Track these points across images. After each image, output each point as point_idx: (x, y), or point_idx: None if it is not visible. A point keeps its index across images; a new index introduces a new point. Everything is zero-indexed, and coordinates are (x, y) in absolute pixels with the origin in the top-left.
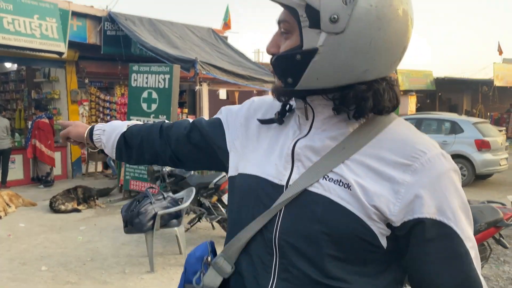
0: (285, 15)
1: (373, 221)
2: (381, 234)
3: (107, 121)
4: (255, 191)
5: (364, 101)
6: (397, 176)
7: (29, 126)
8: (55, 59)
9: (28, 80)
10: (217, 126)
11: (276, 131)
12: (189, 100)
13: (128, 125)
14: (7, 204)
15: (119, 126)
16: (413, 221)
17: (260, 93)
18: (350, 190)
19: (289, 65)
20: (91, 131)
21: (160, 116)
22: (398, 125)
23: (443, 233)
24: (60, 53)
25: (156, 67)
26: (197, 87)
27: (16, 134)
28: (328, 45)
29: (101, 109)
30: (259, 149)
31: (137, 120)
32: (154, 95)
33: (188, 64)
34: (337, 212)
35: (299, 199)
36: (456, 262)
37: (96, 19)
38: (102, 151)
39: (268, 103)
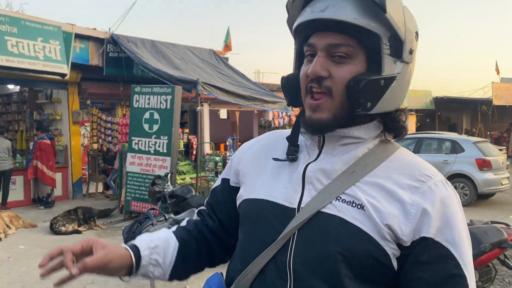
0: (344, 39)
1: (386, 241)
2: (393, 255)
3: (108, 142)
4: (265, 216)
5: (402, 121)
6: (407, 197)
7: (31, 147)
8: (57, 81)
9: (31, 101)
10: (227, 186)
11: (283, 164)
12: (190, 120)
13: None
14: (7, 226)
15: (164, 238)
16: (418, 240)
17: (261, 113)
18: (364, 210)
19: (371, 89)
20: (136, 252)
21: (161, 137)
22: (403, 152)
23: (441, 254)
24: (63, 75)
25: (158, 88)
26: (199, 108)
27: (18, 155)
28: (402, 73)
29: (102, 129)
30: (264, 174)
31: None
32: (156, 115)
33: (189, 85)
34: (351, 233)
35: (312, 221)
36: (451, 285)
37: (99, 41)
38: (104, 171)
39: (260, 140)
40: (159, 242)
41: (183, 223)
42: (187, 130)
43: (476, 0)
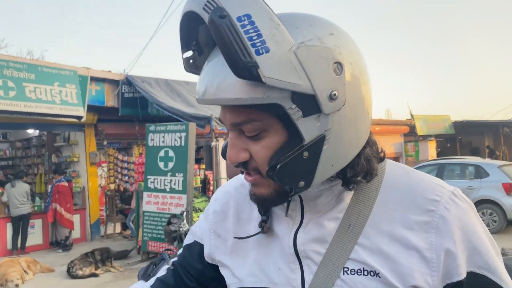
0: (246, 115)
1: None
2: None
3: (125, 181)
4: None
5: (370, 162)
6: (422, 241)
7: (49, 190)
8: (74, 123)
9: (49, 145)
10: (200, 255)
11: (263, 237)
12: (206, 156)
13: None
14: (25, 271)
15: None
16: (451, 285)
17: None
18: (379, 277)
19: (296, 168)
20: None
21: (177, 174)
22: (391, 172)
23: (481, 284)
24: (79, 117)
25: (172, 126)
26: (213, 143)
27: (37, 198)
28: (334, 126)
29: (119, 169)
30: (248, 255)
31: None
32: (171, 153)
33: (203, 121)
34: None
35: None
36: None
37: (114, 82)
38: (121, 211)
39: (228, 205)
40: None
41: (162, 273)
42: (203, 166)
43: (493, 22)
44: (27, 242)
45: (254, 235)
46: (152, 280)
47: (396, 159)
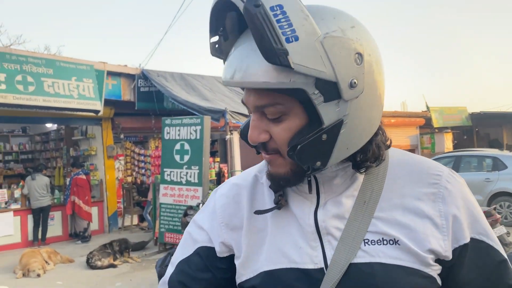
0: (269, 98)
1: (431, 267)
2: (438, 275)
3: (142, 174)
4: (291, 284)
5: (378, 149)
6: (432, 209)
7: (67, 183)
8: (92, 117)
9: (67, 138)
10: (209, 257)
11: (277, 214)
12: (220, 149)
13: None
14: (46, 262)
15: None
16: (459, 249)
17: None
18: (399, 244)
19: (315, 149)
20: None
21: (192, 167)
22: (394, 156)
23: (482, 249)
24: (97, 111)
25: (187, 119)
26: (228, 136)
27: (56, 191)
28: (351, 111)
29: (136, 162)
30: (266, 236)
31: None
32: (187, 146)
33: (218, 114)
34: (395, 274)
35: (348, 276)
36: (498, 274)
37: (130, 77)
38: (138, 204)
39: (241, 189)
40: None
41: None
42: (218, 159)
43: (508, 11)
44: (47, 233)
45: (272, 209)
46: None
47: (411, 151)
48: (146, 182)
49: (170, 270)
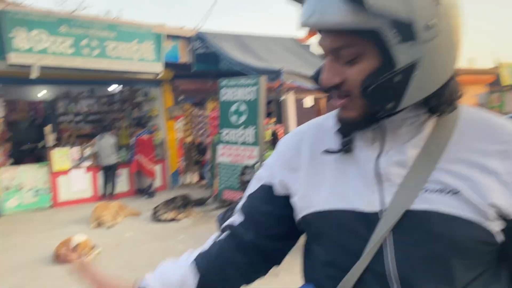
0: (345, 40)
1: (490, 221)
2: (497, 231)
3: (200, 135)
4: (346, 227)
5: (451, 95)
6: (499, 166)
7: (132, 143)
8: (152, 80)
9: (130, 100)
10: (270, 194)
11: (339, 158)
12: (276, 110)
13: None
14: (116, 215)
15: (180, 274)
16: None
17: None
18: (459, 195)
19: (387, 90)
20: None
21: (249, 127)
22: (468, 111)
23: None
24: (157, 74)
25: (243, 80)
26: (283, 97)
27: (122, 150)
28: (426, 54)
29: (195, 123)
30: (325, 179)
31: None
32: (243, 107)
33: (273, 74)
34: (451, 224)
35: (404, 222)
36: None
37: (187, 39)
38: (198, 162)
39: (303, 137)
40: (174, 285)
41: (205, 246)
42: (273, 120)
43: None
44: (116, 189)
45: (340, 150)
46: (194, 254)
47: None
48: (204, 142)
49: (241, 202)
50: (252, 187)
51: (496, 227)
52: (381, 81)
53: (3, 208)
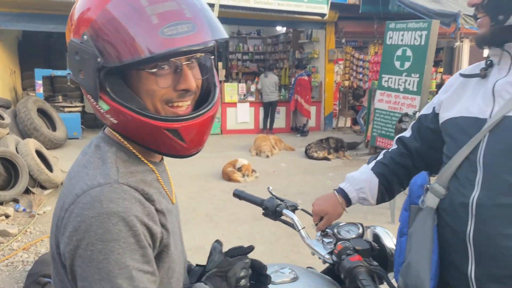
0: None
1: None
2: None
3: (359, 79)
4: (463, 127)
5: None
6: None
7: (292, 83)
8: (317, 21)
9: (294, 42)
10: (435, 114)
11: (478, 82)
12: (446, 58)
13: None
14: (273, 147)
15: (366, 179)
16: None
17: None
18: None
19: (502, 2)
20: (345, 196)
21: (412, 75)
22: None
23: None
24: (323, 15)
25: (413, 23)
26: (457, 44)
27: (282, 89)
28: None
29: (354, 67)
30: (462, 97)
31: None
32: (409, 52)
33: (449, 18)
34: None
35: (500, 125)
36: None
37: None
38: (352, 107)
39: (466, 69)
40: (363, 184)
41: (380, 157)
42: (441, 70)
43: None
44: (274, 125)
45: (474, 75)
46: (372, 163)
47: None
48: (362, 87)
49: (414, 122)
50: (426, 109)
51: None
52: None
53: None
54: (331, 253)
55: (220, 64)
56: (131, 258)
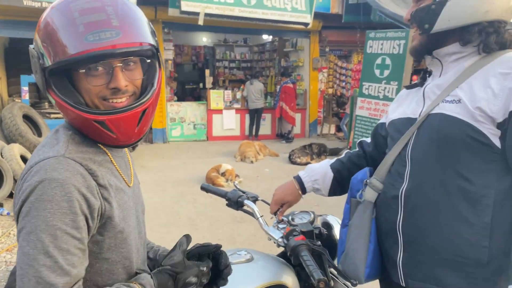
0: None
1: (480, 123)
2: (492, 134)
3: (342, 87)
4: (398, 127)
5: (487, 35)
6: (497, 84)
7: (277, 90)
8: (301, 30)
9: (279, 50)
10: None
11: (416, 90)
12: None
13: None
14: (258, 153)
15: (322, 172)
16: (508, 115)
17: None
18: (460, 103)
19: (425, 14)
20: (301, 185)
21: (391, 83)
22: (508, 53)
23: None
24: (306, 24)
25: (392, 33)
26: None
27: (268, 97)
28: None
29: (337, 75)
30: (403, 104)
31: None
32: (388, 61)
33: None
34: (449, 122)
35: (425, 122)
36: None
37: None
38: (336, 115)
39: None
40: (318, 176)
41: (341, 155)
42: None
43: None
44: (259, 131)
45: (414, 86)
46: (333, 160)
47: None
48: (345, 94)
49: (374, 128)
50: (383, 119)
51: (488, 130)
52: (421, 7)
53: (170, 135)
54: (283, 237)
55: (207, 71)
56: (60, 220)
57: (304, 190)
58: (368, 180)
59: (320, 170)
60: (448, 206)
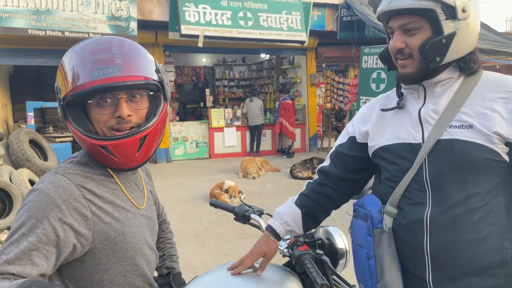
0: (412, 18)
1: (495, 144)
2: (503, 152)
3: (340, 101)
4: (399, 152)
5: (475, 61)
6: (502, 108)
7: (276, 106)
8: (298, 48)
9: (277, 67)
10: (354, 142)
11: (396, 112)
12: None
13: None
14: (260, 168)
15: (289, 212)
16: None
17: (504, 68)
18: (473, 128)
19: (437, 48)
20: (275, 233)
21: None
22: (485, 74)
23: None
24: (302, 42)
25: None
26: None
27: (267, 113)
28: (461, 28)
29: (335, 90)
30: (388, 126)
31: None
32: (383, 75)
33: None
34: (468, 147)
35: (436, 147)
36: None
37: (334, 7)
38: (335, 128)
39: (375, 103)
40: (287, 217)
41: (303, 188)
42: None
43: None
44: (260, 147)
45: (394, 107)
46: (296, 196)
47: None
48: (343, 108)
49: (331, 151)
50: (341, 139)
51: (501, 149)
52: (434, 41)
53: (173, 155)
54: (287, 247)
55: (207, 90)
56: (23, 220)
57: (278, 236)
58: (385, 209)
59: (287, 211)
60: (472, 221)
